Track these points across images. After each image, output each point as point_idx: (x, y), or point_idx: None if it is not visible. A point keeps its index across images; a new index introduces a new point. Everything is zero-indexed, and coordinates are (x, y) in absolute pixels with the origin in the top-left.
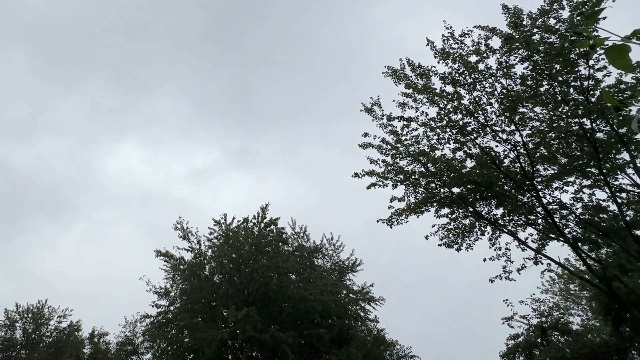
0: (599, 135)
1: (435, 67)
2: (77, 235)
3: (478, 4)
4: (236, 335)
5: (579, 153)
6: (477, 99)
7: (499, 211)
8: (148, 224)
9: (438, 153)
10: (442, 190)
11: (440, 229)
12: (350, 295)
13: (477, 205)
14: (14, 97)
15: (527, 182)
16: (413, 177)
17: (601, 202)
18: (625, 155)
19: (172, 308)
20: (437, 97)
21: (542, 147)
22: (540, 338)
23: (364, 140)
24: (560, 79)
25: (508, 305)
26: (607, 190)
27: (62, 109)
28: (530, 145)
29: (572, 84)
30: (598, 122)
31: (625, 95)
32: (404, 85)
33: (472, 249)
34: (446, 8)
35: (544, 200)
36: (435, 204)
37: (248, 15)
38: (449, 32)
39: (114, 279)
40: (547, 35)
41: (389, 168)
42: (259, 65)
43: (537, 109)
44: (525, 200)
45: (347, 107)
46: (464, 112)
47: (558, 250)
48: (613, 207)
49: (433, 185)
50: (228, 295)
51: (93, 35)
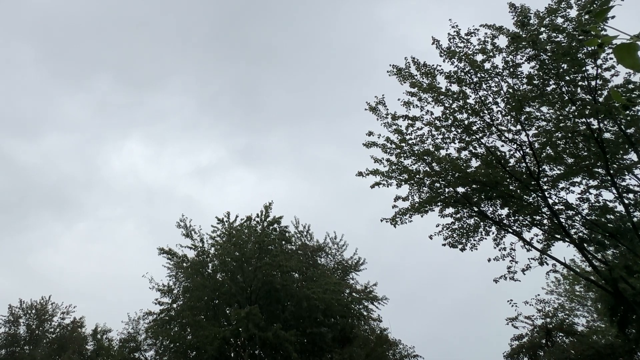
0: (607, 135)
1: (441, 66)
2: (81, 232)
3: (485, 2)
4: (239, 333)
5: (585, 153)
6: (482, 98)
7: (504, 211)
8: (152, 222)
9: (443, 152)
10: (447, 190)
11: (445, 228)
12: (354, 294)
13: (482, 205)
14: (21, 94)
15: (532, 182)
16: (417, 176)
17: (608, 202)
18: (633, 156)
19: (174, 305)
20: (443, 96)
21: (548, 147)
22: (545, 339)
23: (368, 139)
24: (567, 78)
25: (512, 305)
26: (614, 191)
27: (68, 106)
28: (537, 145)
29: (580, 83)
30: (605, 122)
31: (634, 95)
32: (408, 84)
33: (476, 249)
34: (452, 7)
35: (550, 201)
36: (439, 204)
37: (254, 13)
38: (455, 31)
39: (118, 276)
40: (555, 34)
41: (393, 167)
42: (265, 64)
43: (544, 109)
44: (531, 200)
45: (353, 106)
46: (469, 111)
47: (563, 251)
48: (620, 208)
49: (437, 185)
50: (231, 293)
51: (100, 32)
